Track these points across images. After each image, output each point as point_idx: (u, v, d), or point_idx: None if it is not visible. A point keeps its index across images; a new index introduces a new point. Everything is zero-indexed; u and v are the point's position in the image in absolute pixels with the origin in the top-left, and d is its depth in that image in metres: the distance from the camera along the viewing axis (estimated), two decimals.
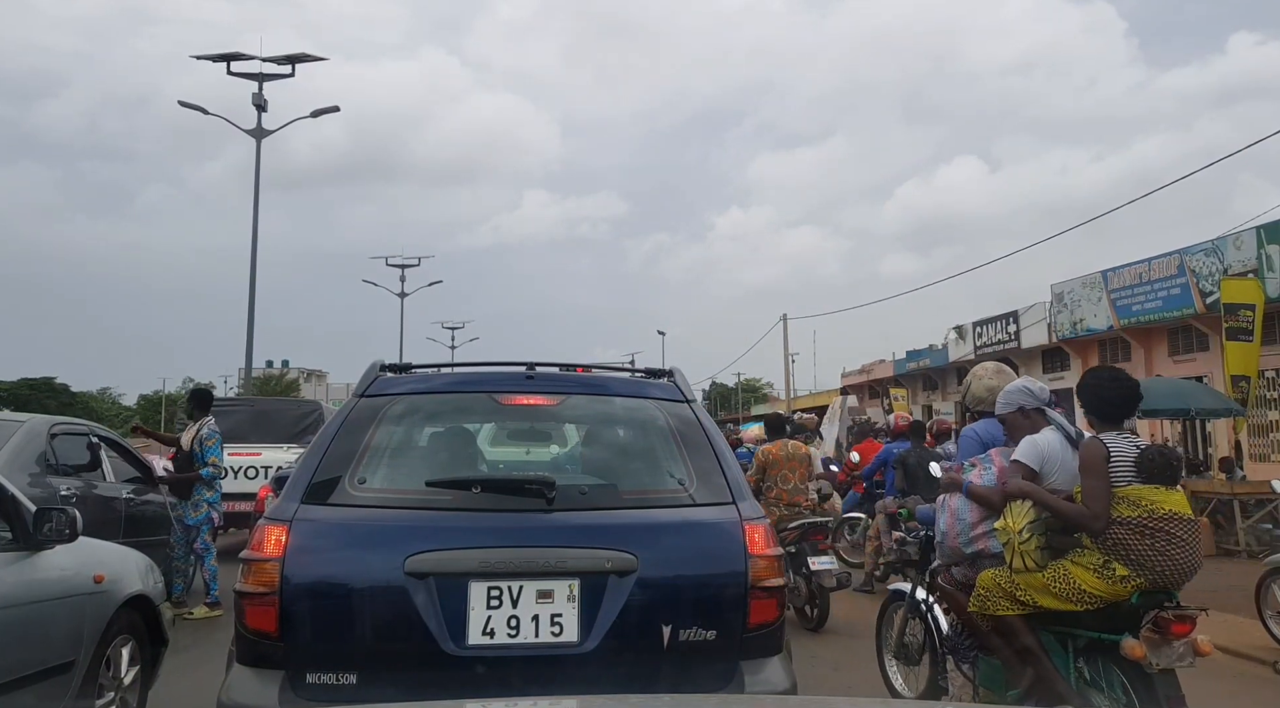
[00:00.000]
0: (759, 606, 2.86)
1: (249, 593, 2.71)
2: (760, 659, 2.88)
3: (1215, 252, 17.63)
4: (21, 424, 6.59)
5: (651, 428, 3.34)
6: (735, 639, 2.84)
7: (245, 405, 13.39)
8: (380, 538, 2.79)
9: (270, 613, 2.68)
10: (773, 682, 2.84)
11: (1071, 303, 22.69)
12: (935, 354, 32.18)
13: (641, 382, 3.66)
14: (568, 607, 2.74)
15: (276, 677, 2.69)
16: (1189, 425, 19.03)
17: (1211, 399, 13.91)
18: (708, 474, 3.10)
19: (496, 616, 2.71)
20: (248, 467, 10.80)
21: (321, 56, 22.00)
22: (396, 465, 3.17)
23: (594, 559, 2.78)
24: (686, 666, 2.79)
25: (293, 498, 2.87)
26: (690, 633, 2.78)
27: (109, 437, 7.78)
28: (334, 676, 2.67)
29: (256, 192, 21.54)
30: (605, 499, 3.10)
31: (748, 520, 2.97)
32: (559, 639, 2.72)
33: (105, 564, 4.01)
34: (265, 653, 2.71)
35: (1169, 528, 3.31)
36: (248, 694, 2.69)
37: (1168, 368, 20.10)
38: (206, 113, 21.69)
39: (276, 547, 2.73)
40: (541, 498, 2.90)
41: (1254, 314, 14.01)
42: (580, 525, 2.88)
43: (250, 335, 21.27)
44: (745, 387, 79.69)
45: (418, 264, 43.87)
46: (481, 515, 2.87)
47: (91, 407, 66.02)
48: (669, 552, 2.89)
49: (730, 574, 2.87)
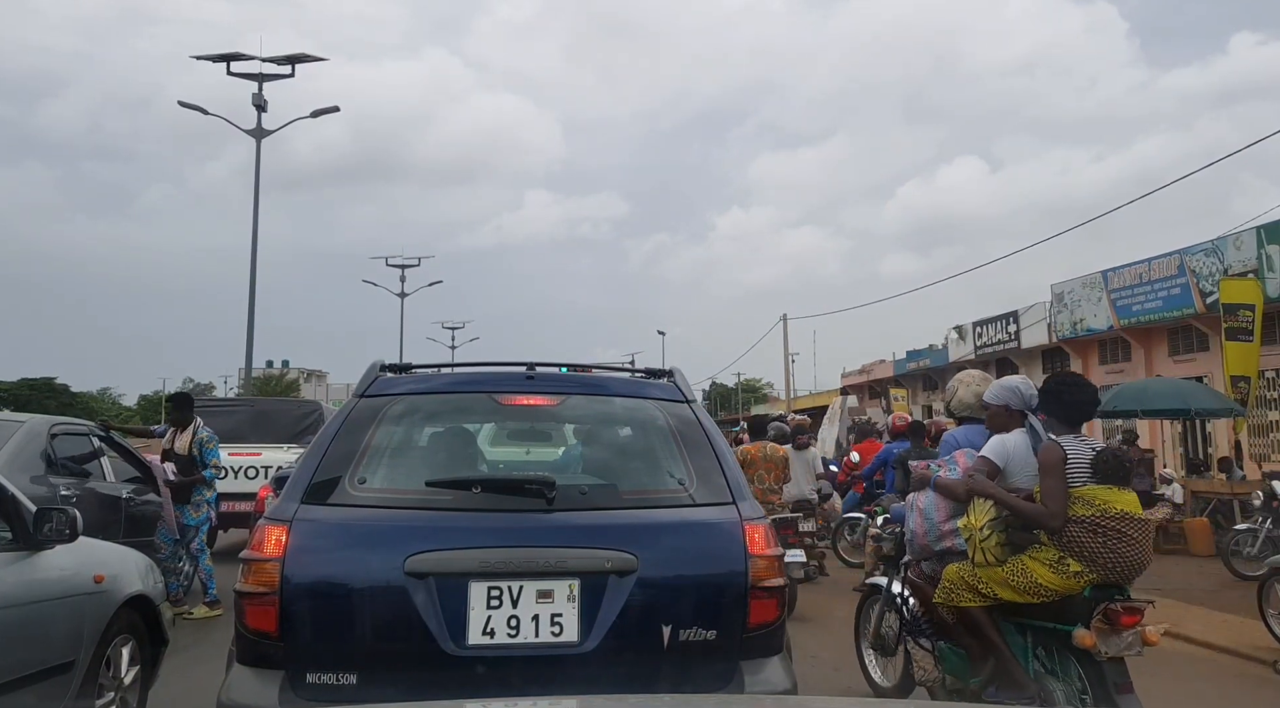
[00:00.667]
0: (759, 606, 2.85)
1: (249, 593, 2.70)
2: (760, 659, 2.87)
3: (1215, 252, 17.64)
4: (22, 424, 6.61)
5: (651, 428, 3.34)
6: (735, 639, 2.82)
7: (245, 406, 13.39)
8: (380, 538, 2.78)
9: (270, 613, 2.67)
10: (773, 682, 2.83)
11: (1071, 303, 22.69)
12: (935, 354, 32.20)
13: (641, 382, 3.65)
14: (568, 607, 2.73)
15: (276, 677, 2.68)
16: (1188, 425, 19.03)
17: (1211, 399, 13.91)
18: (708, 474, 3.09)
19: (496, 615, 2.70)
20: (248, 467, 10.82)
21: (321, 57, 22.00)
22: (397, 466, 3.16)
23: (594, 559, 2.77)
24: (687, 665, 2.78)
25: (293, 498, 2.86)
26: (690, 633, 2.77)
27: (109, 436, 7.81)
28: (334, 676, 2.66)
29: (256, 192, 21.57)
30: (605, 499, 3.08)
31: (748, 521, 2.95)
32: (559, 639, 2.71)
33: (105, 564, 4.01)
34: (265, 653, 2.70)
35: (1121, 527, 3.56)
36: (248, 694, 2.68)
37: (1167, 368, 20.10)
38: (206, 113, 21.69)
39: (277, 547, 2.72)
40: (541, 498, 2.89)
41: (1254, 314, 14.00)
42: (580, 526, 2.87)
43: (250, 335, 21.28)
44: (745, 387, 79.70)
45: (418, 264, 43.90)
46: (481, 516, 2.87)
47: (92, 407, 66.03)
48: (669, 552, 2.87)
49: (730, 574, 2.85)
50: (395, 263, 43.36)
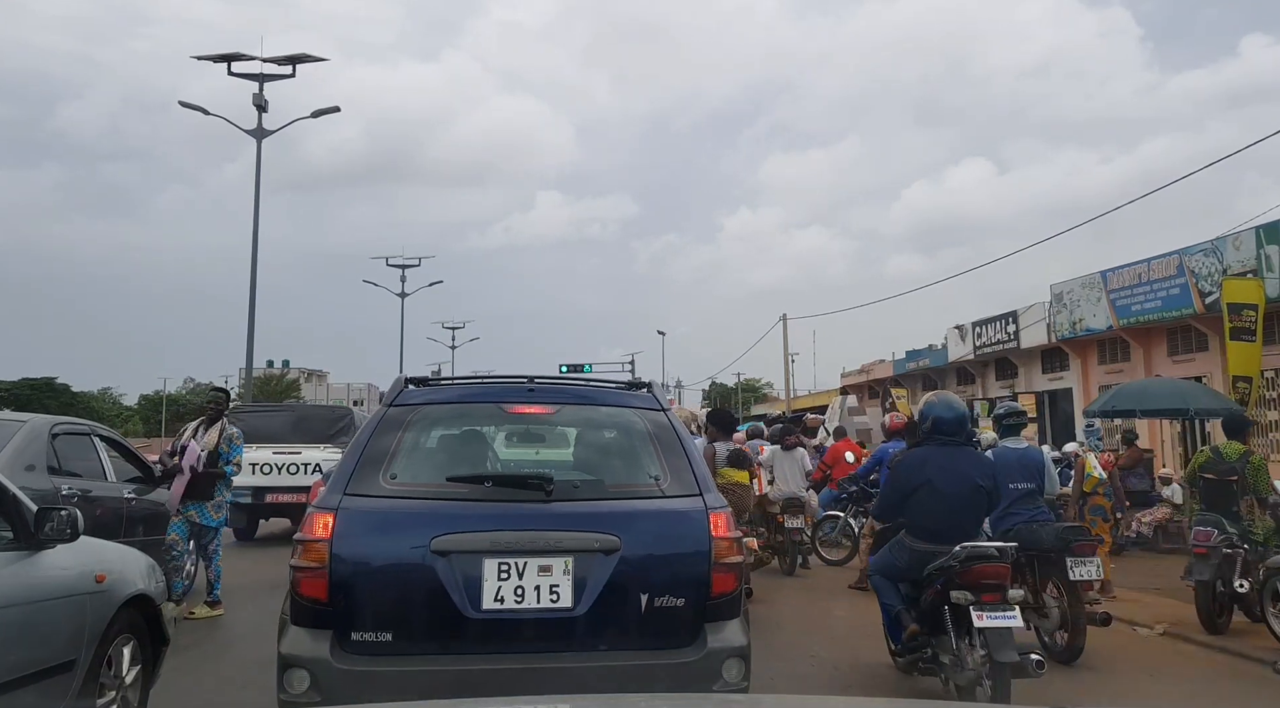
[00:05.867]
0: (720, 578, 3.40)
1: (304, 567, 3.24)
2: (722, 622, 3.41)
3: (1214, 252, 17.62)
4: (23, 424, 6.60)
5: (632, 432, 3.91)
6: (701, 606, 3.37)
7: (286, 410, 15.86)
8: (410, 523, 3.34)
9: (321, 583, 3.20)
10: (730, 640, 3.37)
11: (1071, 303, 22.66)
12: (935, 354, 32.18)
13: (624, 393, 4.18)
14: (563, 579, 3.27)
15: (326, 635, 3.21)
16: (1187, 426, 19.03)
17: (1211, 399, 13.89)
18: (679, 471, 3.65)
19: (505, 586, 3.24)
20: (289, 463, 12.19)
21: (321, 57, 21.98)
22: (421, 463, 3.74)
23: (584, 541, 3.32)
24: (660, 627, 3.34)
25: (337, 490, 3.41)
26: (664, 600, 3.32)
27: (110, 436, 7.79)
28: (373, 634, 3.21)
29: (257, 192, 21.61)
30: (594, 492, 3.64)
31: (712, 509, 3.51)
32: (556, 605, 3.25)
33: (107, 564, 4.01)
34: (316, 616, 3.23)
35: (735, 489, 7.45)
36: (304, 648, 3.20)
37: (1167, 368, 20.09)
38: (207, 113, 21.73)
39: (325, 530, 3.26)
40: (541, 491, 3.44)
41: (1256, 314, 13.98)
42: (573, 513, 3.42)
43: (251, 336, 21.31)
44: (745, 387, 79.70)
45: (418, 264, 44.02)
46: (493, 505, 3.43)
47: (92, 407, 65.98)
48: (646, 534, 3.43)
49: (697, 553, 3.41)
50: (395, 263, 43.43)
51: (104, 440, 7.52)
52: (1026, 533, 6.26)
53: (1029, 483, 6.46)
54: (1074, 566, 5.97)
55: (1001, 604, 4.52)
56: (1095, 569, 6.01)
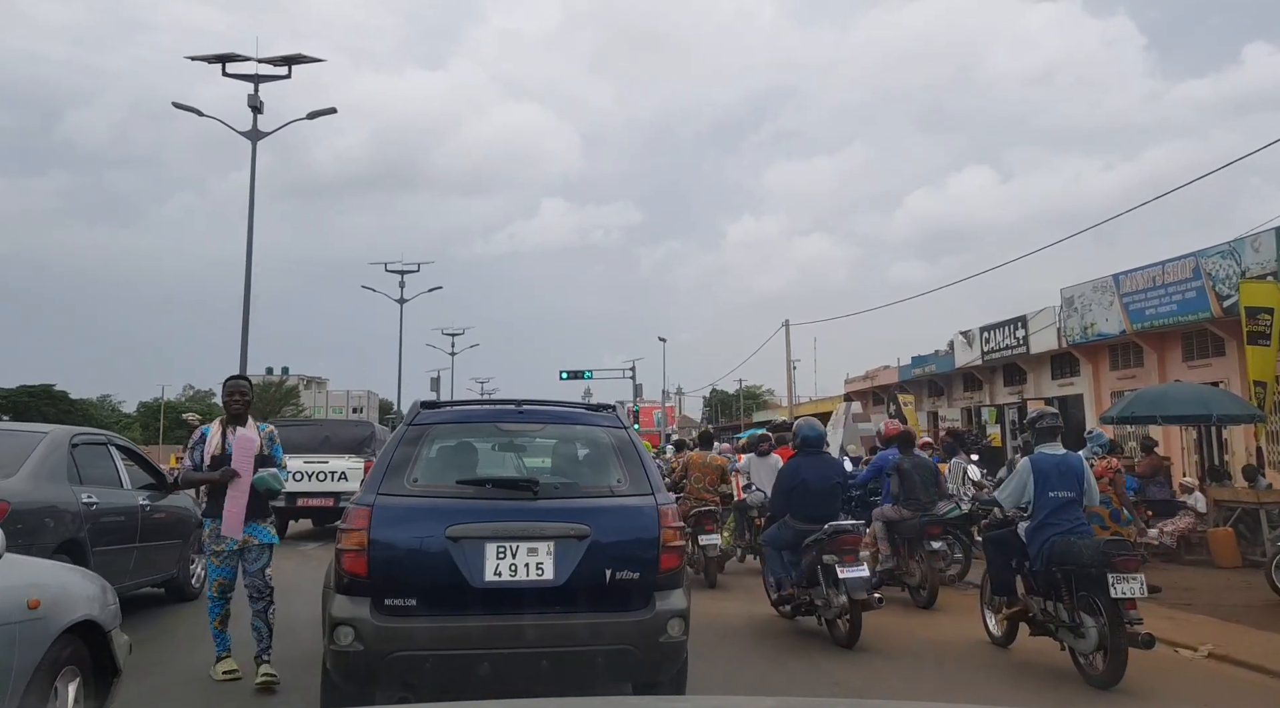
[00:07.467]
0: (667, 558, 4.35)
1: (347, 549, 4.12)
2: (667, 590, 4.33)
3: (1232, 254, 17.15)
4: (45, 435, 6.86)
5: (601, 445, 4.87)
6: (651, 578, 4.30)
7: (315, 425, 18.15)
8: (429, 515, 4.24)
9: (361, 561, 4.11)
10: (675, 604, 4.30)
11: (1082, 307, 22.17)
12: (941, 360, 31.70)
13: (594, 413, 5.11)
14: (547, 558, 4.19)
15: (365, 601, 4.08)
16: (1204, 432, 18.55)
17: (1233, 405, 13.45)
18: (636, 476, 4.61)
19: (503, 564, 4.15)
20: (318, 471, 13.95)
21: (316, 58, 21.57)
22: (436, 469, 4.69)
23: (563, 529, 4.25)
24: (621, 594, 4.25)
25: (371, 490, 4.34)
26: (624, 574, 4.25)
27: (125, 445, 8.10)
28: (401, 600, 4.09)
29: (252, 194, 21.23)
30: (570, 492, 4.64)
31: (661, 505, 4.46)
32: (541, 578, 4.17)
33: (41, 586, 3.53)
34: (357, 586, 4.11)
35: None
36: (348, 611, 4.05)
37: (1181, 373, 19.57)
38: (201, 114, 21.39)
39: (363, 521, 4.16)
40: (530, 491, 4.42)
41: (1272, 319, 13.53)
42: (554, 509, 4.37)
43: (244, 342, 20.89)
44: (746, 393, 79.26)
45: (417, 270, 43.68)
46: (492, 502, 4.37)
47: (91, 414, 65.60)
48: (610, 525, 4.35)
49: (649, 539, 4.35)
50: (394, 268, 43.06)
51: (119, 449, 7.81)
52: (1064, 546, 5.82)
53: (1068, 492, 6.02)
54: (1116, 583, 5.50)
55: (856, 563, 6.69)
56: (1139, 587, 5.54)
